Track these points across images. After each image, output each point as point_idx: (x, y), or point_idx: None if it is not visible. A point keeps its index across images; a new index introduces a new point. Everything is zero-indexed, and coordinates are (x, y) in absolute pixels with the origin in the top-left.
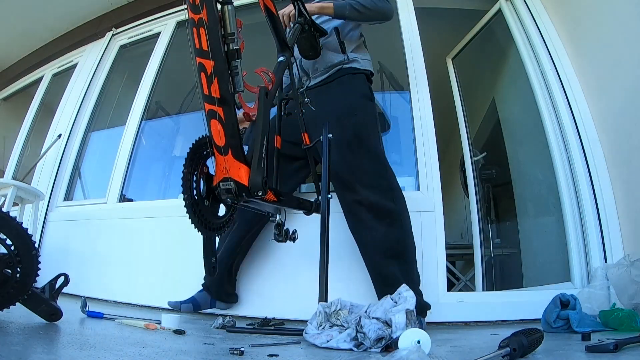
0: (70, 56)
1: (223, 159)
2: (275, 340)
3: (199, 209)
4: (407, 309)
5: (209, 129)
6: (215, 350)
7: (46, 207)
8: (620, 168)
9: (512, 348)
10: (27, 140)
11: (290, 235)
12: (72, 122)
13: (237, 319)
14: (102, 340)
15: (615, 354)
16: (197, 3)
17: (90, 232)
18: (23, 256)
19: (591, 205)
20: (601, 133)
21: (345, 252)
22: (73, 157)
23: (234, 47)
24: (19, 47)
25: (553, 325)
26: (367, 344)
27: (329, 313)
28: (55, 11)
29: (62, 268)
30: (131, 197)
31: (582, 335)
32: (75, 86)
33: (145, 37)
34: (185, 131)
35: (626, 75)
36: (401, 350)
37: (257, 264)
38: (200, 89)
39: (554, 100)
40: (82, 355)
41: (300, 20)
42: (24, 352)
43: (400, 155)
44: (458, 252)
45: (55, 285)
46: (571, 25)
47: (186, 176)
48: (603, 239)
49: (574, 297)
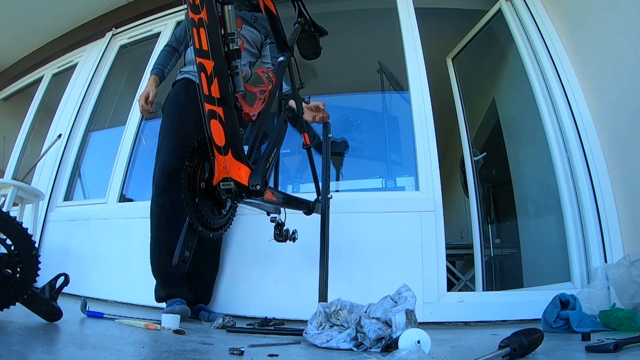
0: (70, 56)
1: (223, 159)
2: (275, 340)
3: (198, 205)
4: (407, 309)
5: (209, 129)
6: (215, 350)
7: (46, 207)
8: (620, 168)
9: (512, 348)
10: (27, 140)
11: (290, 235)
12: (72, 122)
13: (237, 319)
14: (102, 340)
15: (615, 354)
16: (197, 3)
17: (90, 232)
18: (23, 256)
19: (591, 205)
20: (601, 133)
21: (345, 252)
22: (73, 157)
23: (234, 47)
24: (19, 47)
25: (553, 325)
26: (367, 344)
27: (329, 313)
28: (55, 11)
29: (62, 268)
30: (131, 197)
31: (582, 335)
32: (75, 86)
33: (145, 37)
34: None
35: (626, 75)
36: (401, 350)
37: (257, 264)
38: (200, 89)
39: (554, 100)
40: (82, 355)
41: (300, 20)
42: (24, 352)
43: (400, 155)
44: (458, 252)
45: (55, 285)
46: (571, 25)
47: (187, 170)
48: (603, 239)
49: (574, 297)
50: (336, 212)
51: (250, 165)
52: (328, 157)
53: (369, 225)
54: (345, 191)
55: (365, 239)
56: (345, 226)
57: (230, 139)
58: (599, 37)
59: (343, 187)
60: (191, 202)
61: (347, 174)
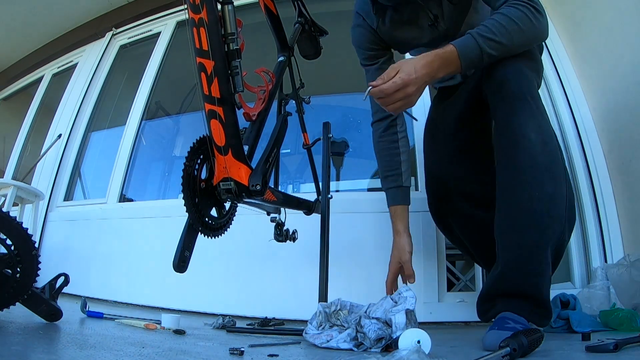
0: (70, 56)
1: (223, 159)
2: (275, 340)
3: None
4: (407, 309)
5: (209, 129)
6: (215, 350)
7: (46, 207)
8: (620, 168)
9: (512, 348)
10: (27, 140)
11: (290, 235)
12: (72, 122)
13: (237, 319)
14: (102, 340)
15: (615, 354)
16: (197, 3)
17: (91, 232)
18: (23, 256)
19: (591, 205)
20: (601, 133)
21: (345, 252)
22: (73, 157)
23: (234, 47)
24: (19, 47)
25: (553, 325)
26: (367, 344)
27: (329, 313)
28: (55, 11)
29: (62, 268)
30: (131, 197)
31: (582, 335)
32: (75, 86)
33: (145, 37)
34: (185, 131)
35: (626, 75)
36: (401, 350)
37: (257, 264)
38: (200, 89)
39: (554, 100)
40: (82, 355)
41: (300, 20)
42: (24, 352)
43: None
44: (458, 252)
45: (55, 285)
46: (571, 25)
47: (187, 169)
48: (603, 239)
49: (574, 297)
50: (336, 212)
51: (250, 165)
52: (328, 157)
53: (369, 225)
54: (345, 191)
55: (365, 239)
56: (346, 226)
57: (230, 138)
58: (599, 37)
59: (343, 187)
60: (191, 202)
61: (347, 174)
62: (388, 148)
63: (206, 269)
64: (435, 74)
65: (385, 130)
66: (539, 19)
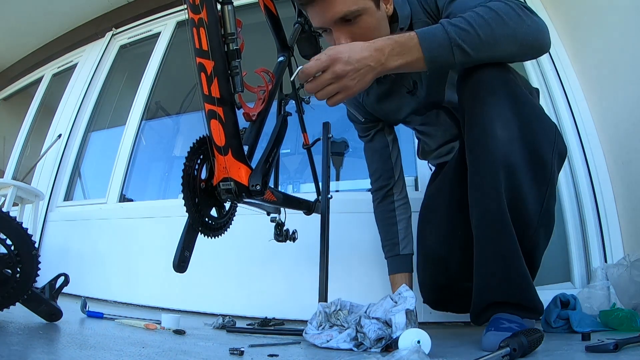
0: (70, 56)
1: (223, 159)
2: (275, 340)
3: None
4: (407, 309)
5: (209, 129)
6: (215, 350)
7: (46, 207)
8: (620, 168)
9: (512, 348)
10: (27, 140)
11: (290, 235)
12: (72, 122)
13: (237, 319)
14: (102, 340)
15: (615, 354)
16: (197, 3)
17: (90, 232)
18: (23, 256)
19: (591, 205)
20: (601, 133)
21: (345, 252)
22: (73, 157)
23: (234, 47)
24: (19, 47)
25: (553, 325)
26: (367, 344)
27: (329, 313)
28: (55, 11)
29: (62, 268)
30: (131, 197)
31: (582, 335)
32: (75, 86)
33: (145, 37)
34: (185, 131)
35: (626, 75)
36: (401, 350)
37: (257, 264)
38: (200, 89)
39: (554, 101)
40: (82, 355)
41: (300, 20)
42: (24, 352)
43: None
44: None
45: (55, 285)
46: (571, 26)
47: (187, 169)
48: (603, 239)
49: (574, 297)
50: (336, 212)
51: (250, 166)
52: (328, 157)
53: (370, 226)
54: (345, 191)
55: (365, 239)
56: (346, 226)
57: (230, 139)
58: (599, 37)
59: (343, 187)
60: (191, 202)
61: (347, 174)
62: (385, 218)
63: (206, 269)
64: (385, 61)
65: (381, 200)
66: (529, 16)
